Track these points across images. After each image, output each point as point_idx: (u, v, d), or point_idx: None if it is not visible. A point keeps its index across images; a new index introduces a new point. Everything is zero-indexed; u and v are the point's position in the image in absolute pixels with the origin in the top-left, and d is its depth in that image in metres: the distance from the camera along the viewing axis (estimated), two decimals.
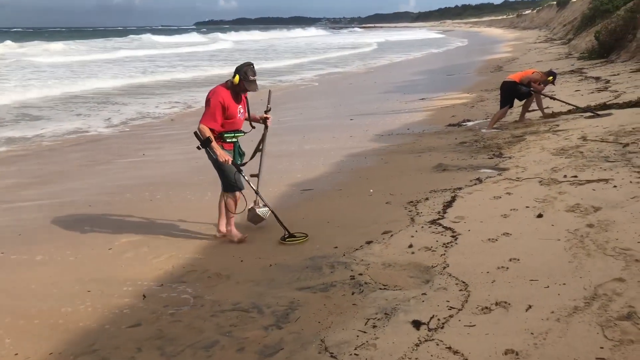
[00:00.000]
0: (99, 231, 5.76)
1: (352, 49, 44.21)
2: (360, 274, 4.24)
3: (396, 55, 36.62)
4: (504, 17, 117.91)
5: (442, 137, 9.38)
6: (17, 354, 3.55)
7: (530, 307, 3.43)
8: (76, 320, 3.93)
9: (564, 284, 3.65)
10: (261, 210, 5.44)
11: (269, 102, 5.51)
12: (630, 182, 5.37)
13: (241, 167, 5.22)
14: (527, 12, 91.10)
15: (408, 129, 10.55)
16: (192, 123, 12.96)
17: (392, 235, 5.00)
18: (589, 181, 5.62)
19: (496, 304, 3.53)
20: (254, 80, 5.04)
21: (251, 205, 5.46)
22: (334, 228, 5.40)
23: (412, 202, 5.88)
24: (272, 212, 5.32)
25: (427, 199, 5.93)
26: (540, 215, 4.93)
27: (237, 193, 5.24)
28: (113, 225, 5.94)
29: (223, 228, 5.40)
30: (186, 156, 9.28)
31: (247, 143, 5.54)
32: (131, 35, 68.38)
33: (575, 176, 5.87)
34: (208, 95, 5.03)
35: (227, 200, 5.26)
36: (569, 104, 9.96)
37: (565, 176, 5.93)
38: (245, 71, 4.98)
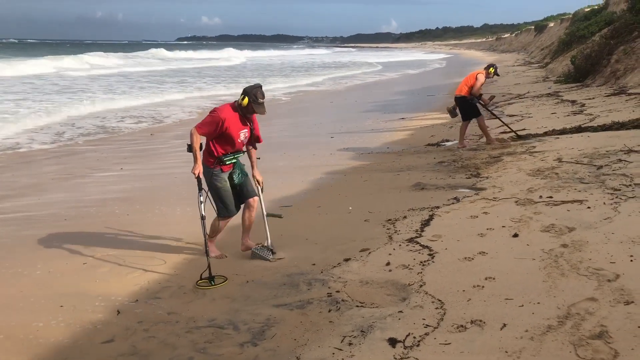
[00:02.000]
0: (73, 245, 5.66)
1: (356, 69, 43.36)
2: (338, 291, 4.23)
3: (404, 73, 37.52)
4: (484, 39, 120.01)
5: (421, 156, 9.48)
6: None
7: (504, 325, 3.45)
8: (47, 335, 3.85)
9: (538, 302, 3.69)
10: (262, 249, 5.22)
11: None
12: (604, 203, 5.46)
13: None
14: (506, 35, 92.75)
15: (387, 147, 10.64)
16: (171, 138, 12.97)
17: (370, 252, 5.01)
18: (563, 202, 5.71)
19: (471, 322, 3.55)
20: (262, 103, 5.00)
21: (261, 244, 5.28)
22: (311, 245, 5.39)
23: (390, 220, 5.91)
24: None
25: (405, 217, 5.97)
26: (515, 235, 4.99)
27: (222, 220, 5.22)
28: (88, 239, 5.85)
29: (247, 242, 5.38)
30: (164, 171, 9.23)
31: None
32: (151, 49, 67.20)
33: (551, 197, 5.96)
34: (214, 109, 5.05)
35: (214, 221, 5.23)
36: (502, 121, 10.83)
37: (540, 197, 6.02)
38: (255, 93, 4.91)
